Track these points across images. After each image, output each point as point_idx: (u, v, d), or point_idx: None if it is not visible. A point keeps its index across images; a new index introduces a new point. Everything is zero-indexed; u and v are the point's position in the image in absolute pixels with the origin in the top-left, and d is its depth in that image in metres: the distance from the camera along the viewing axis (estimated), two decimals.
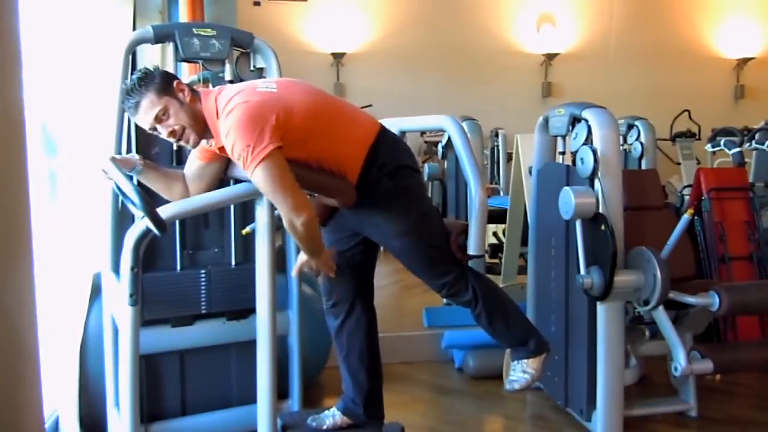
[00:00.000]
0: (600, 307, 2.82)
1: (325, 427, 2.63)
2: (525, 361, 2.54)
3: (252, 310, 2.44)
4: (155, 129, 2.17)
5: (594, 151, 2.73)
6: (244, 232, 2.71)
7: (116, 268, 2.44)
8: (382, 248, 2.63)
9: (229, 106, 2.12)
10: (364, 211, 2.38)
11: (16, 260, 1.16)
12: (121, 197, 2.37)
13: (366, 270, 2.59)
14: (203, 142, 2.26)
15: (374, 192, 2.32)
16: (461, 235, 2.46)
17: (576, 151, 2.87)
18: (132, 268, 2.17)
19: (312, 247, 2.29)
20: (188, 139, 2.19)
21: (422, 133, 7.22)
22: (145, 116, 2.14)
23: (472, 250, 2.44)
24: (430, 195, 5.16)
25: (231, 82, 2.70)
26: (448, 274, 2.44)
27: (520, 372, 2.55)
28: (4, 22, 1.10)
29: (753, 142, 4.67)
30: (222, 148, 2.20)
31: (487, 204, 2.49)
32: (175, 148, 2.67)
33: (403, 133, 2.98)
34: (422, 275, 2.48)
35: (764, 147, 4.41)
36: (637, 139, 4.41)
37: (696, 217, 3.75)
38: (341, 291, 2.57)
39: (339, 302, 2.58)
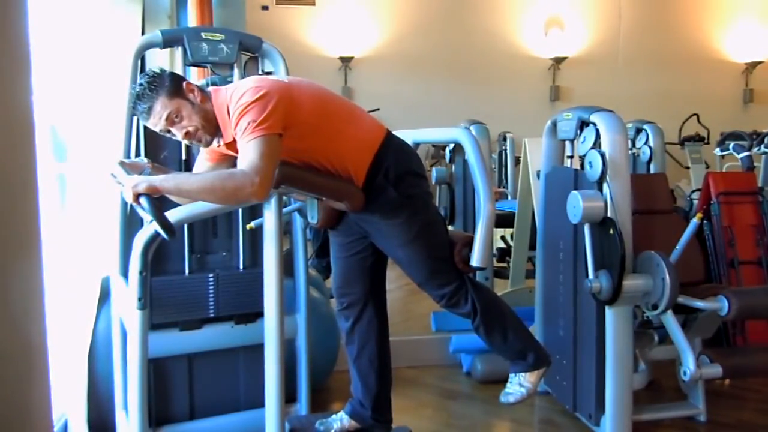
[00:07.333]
0: (608, 312, 2.81)
1: (333, 431, 2.64)
2: (522, 374, 2.54)
3: (260, 314, 2.44)
4: (169, 132, 2.17)
5: (602, 155, 2.73)
6: (249, 226, 2.71)
7: (125, 272, 2.45)
8: None
9: (241, 88, 2.12)
10: (368, 217, 2.37)
11: (24, 264, 1.16)
12: None
13: (377, 272, 2.58)
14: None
15: (379, 199, 2.31)
16: (465, 247, 2.44)
17: (584, 155, 2.87)
18: (140, 272, 2.18)
19: (204, 197, 2.08)
20: (201, 140, 2.20)
21: None
22: (158, 120, 2.14)
23: (475, 262, 2.42)
24: (437, 199, 5.15)
25: None
26: (448, 285, 2.42)
27: (516, 385, 2.54)
28: (14, 25, 1.10)
29: (762, 146, 4.67)
30: (230, 144, 2.20)
31: (494, 218, 2.47)
32: (184, 156, 2.69)
33: (417, 144, 2.97)
34: (422, 284, 2.47)
35: None
36: (646, 143, 4.41)
37: (705, 222, 3.74)
38: (353, 293, 2.57)
39: (351, 304, 2.58)
